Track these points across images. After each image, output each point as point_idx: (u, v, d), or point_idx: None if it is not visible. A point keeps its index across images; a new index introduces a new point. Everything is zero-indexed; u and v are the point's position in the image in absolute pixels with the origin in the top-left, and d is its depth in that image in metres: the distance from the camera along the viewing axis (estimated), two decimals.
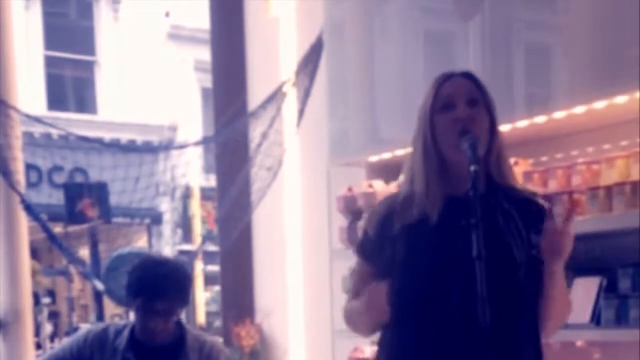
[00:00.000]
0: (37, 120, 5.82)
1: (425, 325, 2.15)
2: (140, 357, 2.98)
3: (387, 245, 2.21)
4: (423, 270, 2.16)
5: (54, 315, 13.15)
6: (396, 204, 2.24)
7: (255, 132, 4.92)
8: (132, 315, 3.06)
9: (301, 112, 4.78)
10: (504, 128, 2.55)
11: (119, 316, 10.18)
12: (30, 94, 12.38)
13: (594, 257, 3.11)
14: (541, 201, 2.27)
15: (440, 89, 2.21)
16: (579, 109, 3.02)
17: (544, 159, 3.39)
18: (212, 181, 8.17)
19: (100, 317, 7.15)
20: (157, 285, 2.90)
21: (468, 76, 2.24)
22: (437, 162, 2.18)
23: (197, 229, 14.71)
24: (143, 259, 3.06)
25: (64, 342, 3.17)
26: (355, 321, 2.30)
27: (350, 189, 4.06)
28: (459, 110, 2.16)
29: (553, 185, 3.16)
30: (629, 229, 2.86)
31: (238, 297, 5.33)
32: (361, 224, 4.00)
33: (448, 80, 2.22)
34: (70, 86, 15.27)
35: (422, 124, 2.21)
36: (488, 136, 2.18)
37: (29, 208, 5.37)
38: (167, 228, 15.34)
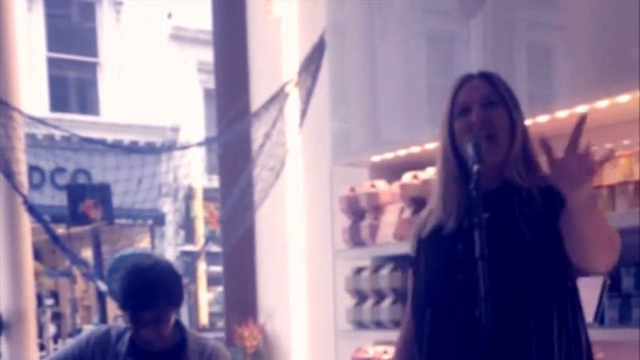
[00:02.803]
0: (40, 121, 5.82)
1: (440, 329, 2.17)
2: None
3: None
4: (437, 274, 2.19)
5: (57, 317, 13.18)
6: (423, 218, 2.30)
7: (258, 132, 4.92)
8: None
9: (304, 113, 4.78)
10: None
11: (122, 317, 10.19)
12: (33, 95, 12.39)
13: None
14: None
15: (457, 94, 2.21)
16: (581, 109, 3.01)
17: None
18: (214, 182, 8.19)
19: (103, 318, 7.14)
20: (142, 295, 2.85)
21: (485, 77, 2.23)
22: (456, 167, 2.19)
23: (200, 229, 14.72)
24: (128, 268, 3.00)
25: (66, 345, 3.16)
26: None
27: (352, 189, 4.06)
28: (473, 115, 2.17)
29: None
30: (632, 228, 2.84)
31: (241, 298, 5.33)
32: (364, 223, 4.00)
33: (465, 85, 2.22)
34: (72, 88, 15.30)
35: (442, 131, 2.23)
36: (509, 136, 2.17)
37: (31, 209, 5.36)
38: (169, 229, 15.35)
